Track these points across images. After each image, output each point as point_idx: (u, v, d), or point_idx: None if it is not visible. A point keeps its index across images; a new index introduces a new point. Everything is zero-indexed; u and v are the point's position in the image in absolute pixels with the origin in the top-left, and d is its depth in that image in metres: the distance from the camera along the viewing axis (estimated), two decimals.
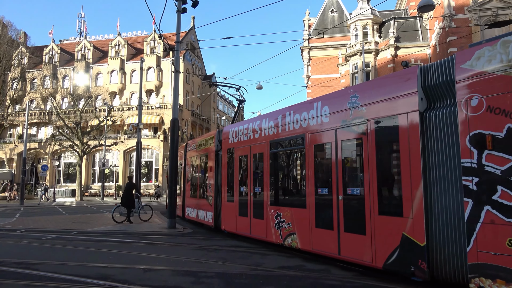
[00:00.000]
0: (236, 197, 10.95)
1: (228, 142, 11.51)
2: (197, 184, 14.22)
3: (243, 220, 10.47)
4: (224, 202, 11.66)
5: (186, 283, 6.07)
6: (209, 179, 12.71)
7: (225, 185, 11.63)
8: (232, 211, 11.07)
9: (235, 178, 11.06)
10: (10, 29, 47.88)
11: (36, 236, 11.84)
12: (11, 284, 6.06)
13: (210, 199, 12.50)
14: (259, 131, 9.93)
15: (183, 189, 16.21)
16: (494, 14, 23.74)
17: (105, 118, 37.89)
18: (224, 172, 11.67)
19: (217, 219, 12.06)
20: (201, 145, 13.91)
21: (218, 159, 12.23)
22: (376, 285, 5.98)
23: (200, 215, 13.57)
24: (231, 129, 11.46)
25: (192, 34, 57.28)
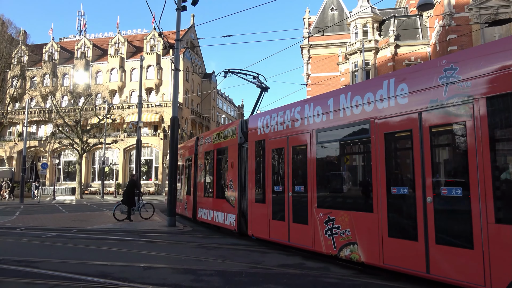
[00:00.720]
0: (268, 198, 9.24)
1: (257, 133, 9.86)
2: (213, 182, 12.61)
3: (278, 225, 8.78)
4: (251, 204, 10.00)
5: (185, 281, 6.08)
6: (230, 177, 11.12)
7: (252, 184, 10.02)
8: (262, 214, 9.40)
9: (267, 175, 9.38)
10: (9, 27, 47.81)
11: (36, 234, 11.86)
12: (11, 282, 6.08)
13: (232, 199, 10.95)
14: (301, 119, 8.34)
15: (193, 188, 14.52)
16: (494, 12, 23.70)
17: (105, 116, 37.86)
18: (251, 169, 10.07)
19: (242, 223, 10.48)
20: (218, 138, 12.28)
21: (242, 154, 10.65)
22: (376, 283, 6.00)
23: (217, 217, 11.93)
24: (261, 118, 9.83)
25: (192, 32, 57.21)
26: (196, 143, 14.58)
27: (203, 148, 13.73)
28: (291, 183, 8.51)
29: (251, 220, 9.99)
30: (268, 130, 9.46)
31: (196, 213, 14.02)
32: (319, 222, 7.61)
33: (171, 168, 13.98)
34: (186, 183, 16.02)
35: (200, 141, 14.15)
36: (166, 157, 41.08)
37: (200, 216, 13.62)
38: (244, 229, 10.42)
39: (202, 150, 13.82)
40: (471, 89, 5.24)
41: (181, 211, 16.43)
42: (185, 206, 15.81)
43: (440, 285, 5.48)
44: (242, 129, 10.87)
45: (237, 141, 10.89)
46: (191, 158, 15.01)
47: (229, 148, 11.42)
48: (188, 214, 15.08)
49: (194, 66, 57.72)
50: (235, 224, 10.67)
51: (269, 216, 9.15)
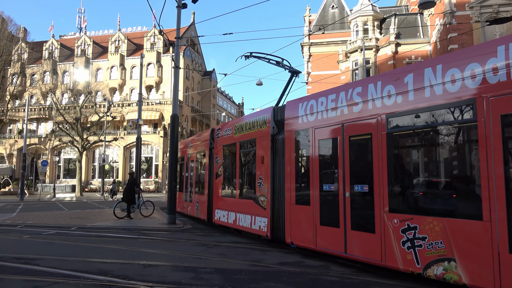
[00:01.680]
0: (314, 199, 7.70)
1: (297, 121, 8.37)
2: (236, 180, 11.03)
3: (329, 232, 7.29)
4: (290, 205, 8.41)
5: (185, 278, 6.08)
6: (260, 174, 9.58)
7: (291, 182, 8.46)
8: (306, 218, 7.85)
9: (312, 172, 7.84)
10: (9, 24, 47.79)
11: (36, 231, 11.86)
12: (11, 279, 6.08)
13: (262, 200, 9.41)
14: (362, 102, 6.81)
15: (208, 187, 12.95)
16: (495, 10, 23.66)
17: (105, 114, 37.87)
18: (290, 164, 8.54)
19: (276, 228, 8.93)
20: (242, 129, 10.72)
21: (276, 146, 9.13)
22: (375, 281, 6.00)
23: (241, 220, 10.38)
24: (302, 104, 8.31)
25: (192, 30, 57.15)
26: (212, 136, 13.00)
27: (221, 141, 12.09)
28: (348, 181, 6.94)
29: (290, 225, 8.36)
30: (313, 118, 7.91)
31: (213, 215, 12.31)
32: (392, 230, 6.02)
33: (171, 166, 13.96)
34: (198, 181, 14.55)
35: (217, 134, 12.53)
36: (166, 154, 41.09)
37: (217, 218, 11.94)
38: (279, 235, 8.78)
39: (220, 143, 12.16)
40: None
41: (191, 212, 15.01)
42: (197, 207, 14.17)
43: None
44: (276, 117, 9.32)
45: (269, 132, 9.31)
46: (205, 153, 13.47)
47: (257, 140, 9.84)
48: (201, 216, 13.54)
49: (194, 64, 57.69)
50: (267, 229, 9.07)
51: (316, 221, 7.59)
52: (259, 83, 24.41)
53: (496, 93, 4.96)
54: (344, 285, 5.83)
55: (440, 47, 26.28)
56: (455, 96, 5.43)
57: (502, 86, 4.92)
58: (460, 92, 5.38)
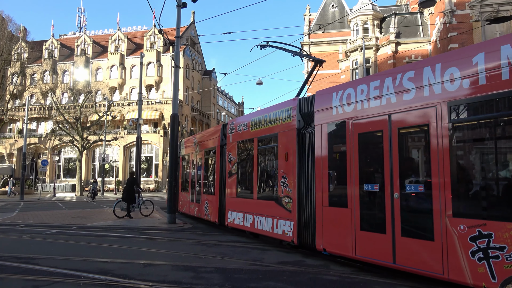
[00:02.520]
0: (353, 200, 6.76)
1: (331, 113, 7.42)
2: (254, 179, 10.02)
3: (373, 238, 6.33)
4: (321, 207, 7.47)
5: (185, 278, 6.09)
6: (283, 172, 8.65)
7: (323, 181, 7.50)
8: (343, 221, 6.93)
9: (350, 169, 6.89)
10: (9, 23, 47.76)
11: (36, 230, 11.86)
12: (11, 278, 6.08)
13: (286, 201, 8.48)
14: (415, 89, 5.90)
15: (220, 186, 12.04)
16: (495, 10, 23.65)
17: (105, 113, 37.87)
18: (321, 161, 7.59)
19: (304, 233, 8.00)
20: (261, 123, 9.76)
21: (303, 141, 8.21)
22: (376, 280, 6.01)
23: (260, 223, 9.45)
24: (337, 93, 7.40)
25: (192, 29, 57.13)
26: (223, 132, 12.15)
27: (235, 137, 11.14)
28: (398, 181, 6.02)
29: (321, 229, 7.42)
30: (351, 108, 6.96)
31: (225, 217, 11.34)
32: (457, 238, 5.20)
33: (171, 165, 13.95)
34: (207, 180, 13.53)
35: (229, 129, 11.55)
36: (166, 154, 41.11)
37: (231, 221, 10.99)
38: (307, 240, 7.88)
39: (233, 139, 11.23)
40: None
41: (198, 214, 13.94)
42: (206, 208, 13.12)
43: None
44: (302, 109, 8.39)
45: (294, 125, 8.40)
46: (215, 150, 12.54)
47: (280, 135, 8.90)
48: (211, 218, 12.52)
49: (194, 63, 57.68)
50: (293, 233, 8.14)
51: (355, 226, 6.64)
52: (259, 82, 24.43)
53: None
54: (344, 284, 5.83)
55: (440, 46, 26.27)
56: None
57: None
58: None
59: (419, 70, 5.94)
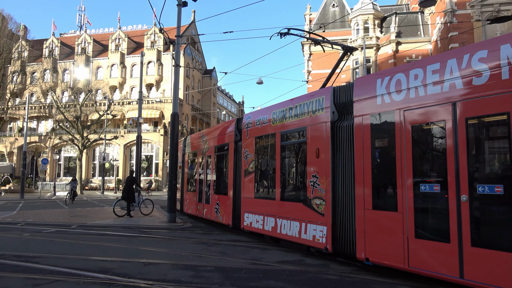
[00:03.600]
0: (404, 202, 5.82)
1: (375, 103, 6.51)
2: (276, 178, 9.11)
3: (432, 247, 5.43)
4: (363, 210, 6.52)
5: (185, 276, 6.09)
6: (314, 170, 7.76)
7: (366, 180, 6.53)
8: (392, 227, 6.00)
9: (401, 168, 5.92)
10: (10, 22, 47.73)
11: (36, 229, 11.87)
12: (11, 277, 6.09)
13: (317, 203, 7.58)
14: (489, 70, 5.01)
15: (233, 186, 11.16)
16: (496, 9, 23.63)
17: (105, 112, 37.89)
18: (364, 158, 6.64)
19: (341, 239, 7.07)
20: (285, 117, 8.88)
21: (340, 136, 7.31)
22: (375, 280, 6.01)
23: (285, 227, 8.51)
24: (381, 79, 6.49)
25: (192, 28, 57.12)
26: (237, 127, 11.24)
27: (252, 132, 10.25)
28: (466, 180, 5.13)
29: (363, 236, 6.47)
30: (402, 96, 6.06)
31: (241, 220, 10.46)
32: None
33: (171, 164, 13.94)
34: (218, 179, 12.64)
35: (245, 124, 10.65)
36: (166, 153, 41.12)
37: (247, 224, 10.11)
38: (345, 248, 6.97)
39: (250, 135, 10.35)
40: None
41: (208, 216, 12.99)
42: (217, 209, 12.21)
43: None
44: (336, 99, 7.54)
45: (328, 117, 7.50)
46: (227, 147, 11.66)
47: (309, 129, 8.01)
48: (224, 221, 11.62)
49: (194, 62, 57.67)
50: (326, 240, 7.24)
51: (408, 233, 5.72)
52: (260, 81, 24.41)
53: None
54: (344, 283, 5.84)
55: (441, 46, 26.26)
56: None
57: None
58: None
59: (494, 48, 4.99)
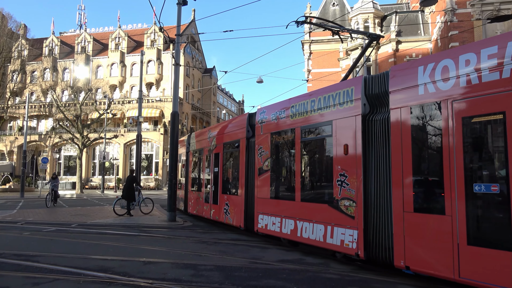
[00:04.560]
0: (454, 204, 5.17)
1: (415, 92, 5.85)
2: (296, 176, 8.45)
3: (489, 256, 4.82)
4: (402, 213, 5.85)
5: (185, 275, 6.09)
6: (342, 168, 7.07)
7: (407, 179, 5.85)
8: (438, 232, 5.35)
9: (450, 165, 5.29)
10: (9, 21, 47.78)
11: (36, 228, 11.87)
12: (11, 276, 6.09)
13: (346, 204, 6.88)
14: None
15: (245, 185, 10.47)
16: (496, 8, 23.60)
17: (105, 111, 37.89)
18: (403, 154, 5.93)
19: (375, 245, 6.36)
20: (306, 110, 8.17)
21: (372, 130, 6.66)
22: (375, 279, 6.01)
23: (306, 231, 7.84)
24: (425, 66, 5.81)
25: (192, 27, 57.08)
26: (249, 123, 10.58)
27: (267, 127, 9.56)
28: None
29: (402, 241, 5.81)
30: (450, 85, 5.39)
31: (254, 222, 9.78)
32: None
33: (171, 163, 13.92)
34: (228, 178, 11.97)
35: (259, 119, 9.94)
36: (166, 152, 41.10)
37: (262, 226, 9.42)
38: (379, 254, 6.26)
39: (265, 130, 9.65)
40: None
41: (215, 217, 12.23)
42: (226, 210, 11.52)
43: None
44: (368, 91, 6.84)
45: (358, 110, 6.85)
46: (238, 144, 11.00)
47: (336, 123, 7.36)
48: (234, 222, 10.90)
49: (194, 61, 57.64)
50: (357, 245, 6.55)
51: (458, 239, 5.10)
52: (260, 80, 24.40)
53: None
54: (344, 282, 5.84)
55: (441, 45, 26.24)
56: None
57: None
58: None
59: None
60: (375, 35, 8.96)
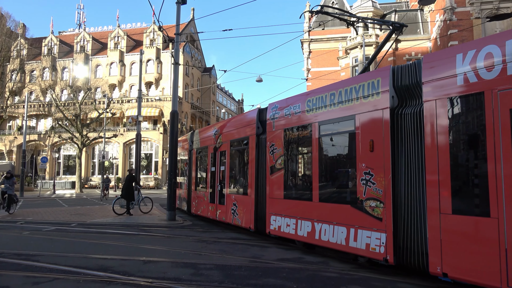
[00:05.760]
0: (499, 205, 4.75)
1: (454, 82, 5.33)
2: (313, 174, 7.89)
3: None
4: (438, 215, 5.36)
5: (185, 274, 6.10)
6: (368, 166, 6.54)
7: (444, 178, 5.35)
8: (480, 237, 4.90)
9: (494, 162, 4.85)
10: (8, 20, 47.54)
11: (36, 227, 11.88)
12: (11, 275, 6.09)
13: (372, 205, 6.36)
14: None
15: (255, 184, 9.93)
16: (495, 7, 23.62)
17: (104, 110, 37.85)
18: (439, 151, 5.45)
19: (405, 249, 5.85)
20: (325, 104, 7.66)
21: (402, 125, 6.13)
22: (374, 277, 6.02)
23: (326, 233, 7.31)
24: (464, 53, 5.30)
25: (191, 26, 57.01)
26: (260, 119, 10.05)
27: (280, 123, 9.03)
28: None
29: (438, 246, 5.32)
30: (495, 74, 4.91)
31: (266, 223, 9.26)
32: None
33: (171, 162, 13.91)
34: (236, 177, 11.50)
35: (271, 114, 9.44)
36: (166, 151, 41.06)
37: (275, 228, 8.88)
38: (410, 259, 5.75)
39: (277, 127, 9.13)
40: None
41: (222, 218, 11.71)
42: (234, 211, 11.00)
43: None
44: (396, 83, 6.35)
45: (386, 103, 6.31)
46: (247, 141, 10.44)
47: (360, 117, 6.81)
48: (243, 224, 10.36)
49: (194, 60, 57.59)
50: (386, 249, 6.04)
51: (505, 244, 4.60)
52: (259, 79, 24.39)
53: None
54: (344, 281, 5.85)
55: (440, 44, 26.24)
56: None
57: None
58: None
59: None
60: (398, 24, 8.39)
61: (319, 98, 7.83)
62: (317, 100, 7.89)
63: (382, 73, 6.54)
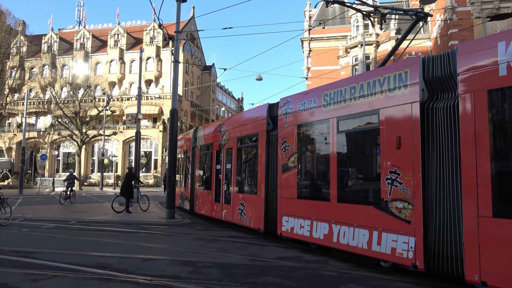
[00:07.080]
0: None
1: (496, 74, 4.92)
2: (330, 173, 7.35)
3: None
4: (476, 218, 4.93)
5: (184, 272, 6.10)
6: (394, 164, 6.04)
7: (480, 178, 4.94)
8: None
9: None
10: (8, 17, 47.52)
11: (35, 225, 11.88)
12: (10, 272, 6.09)
13: (399, 206, 5.88)
14: None
15: (265, 183, 9.45)
16: (496, 6, 23.59)
17: (104, 108, 37.82)
18: (476, 149, 5.01)
19: (438, 254, 5.36)
20: (345, 98, 7.16)
21: (433, 120, 5.63)
22: (373, 276, 6.03)
23: (346, 236, 6.81)
24: (507, 41, 4.86)
25: (192, 24, 56.94)
26: (270, 114, 9.63)
27: (293, 119, 8.56)
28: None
29: (476, 252, 4.87)
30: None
31: (277, 224, 8.82)
32: None
33: (170, 160, 13.91)
34: (244, 175, 11.00)
35: (283, 110, 8.96)
36: (165, 149, 41.09)
37: (287, 229, 8.43)
38: (443, 266, 5.28)
39: (290, 122, 8.65)
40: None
41: (228, 217, 11.23)
42: (241, 211, 10.46)
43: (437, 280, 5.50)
44: (426, 74, 5.83)
45: (416, 97, 5.82)
46: (256, 138, 9.97)
47: (385, 112, 6.30)
48: (252, 224, 9.90)
49: (194, 58, 57.53)
50: (415, 254, 5.59)
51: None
52: (259, 78, 24.38)
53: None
54: (342, 279, 5.86)
55: (441, 43, 26.23)
56: None
57: None
58: None
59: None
60: (422, 13, 7.73)
61: (337, 92, 7.33)
62: (335, 94, 7.39)
63: (410, 64, 6.04)
